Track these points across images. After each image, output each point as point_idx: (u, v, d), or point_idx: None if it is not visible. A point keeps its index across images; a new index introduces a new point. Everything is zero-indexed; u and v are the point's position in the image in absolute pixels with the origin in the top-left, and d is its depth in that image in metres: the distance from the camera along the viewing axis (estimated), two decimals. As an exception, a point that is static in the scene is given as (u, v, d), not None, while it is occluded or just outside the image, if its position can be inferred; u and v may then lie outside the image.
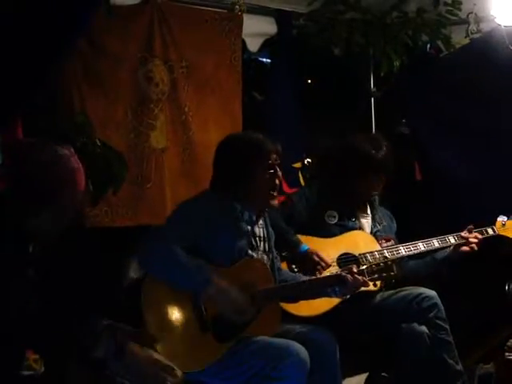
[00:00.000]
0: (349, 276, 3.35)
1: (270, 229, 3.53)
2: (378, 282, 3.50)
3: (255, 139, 3.42)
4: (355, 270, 3.39)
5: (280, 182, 3.40)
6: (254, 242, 3.39)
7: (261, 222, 3.47)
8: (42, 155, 2.55)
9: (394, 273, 3.43)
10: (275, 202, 3.42)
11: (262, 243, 3.45)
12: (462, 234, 3.94)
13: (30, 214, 2.53)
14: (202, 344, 3.13)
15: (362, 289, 3.71)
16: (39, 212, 2.54)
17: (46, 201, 2.54)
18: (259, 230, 3.45)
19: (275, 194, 3.39)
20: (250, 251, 3.35)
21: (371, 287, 3.64)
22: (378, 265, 3.46)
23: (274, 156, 3.37)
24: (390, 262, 3.46)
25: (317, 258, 3.75)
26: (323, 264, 3.75)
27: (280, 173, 3.39)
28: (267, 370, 3.08)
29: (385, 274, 3.43)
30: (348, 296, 3.53)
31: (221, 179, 3.40)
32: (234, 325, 3.17)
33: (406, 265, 3.99)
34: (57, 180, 2.55)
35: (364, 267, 3.45)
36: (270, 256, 3.48)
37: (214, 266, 3.18)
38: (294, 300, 3.53)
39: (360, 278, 3.36)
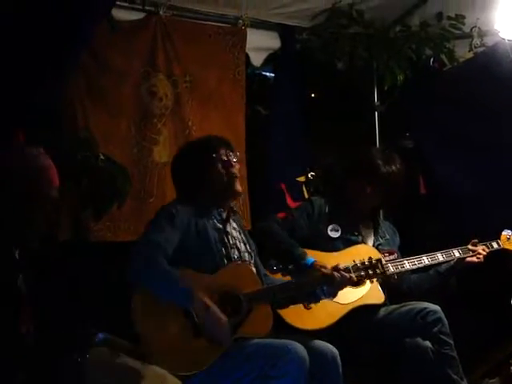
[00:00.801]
0: (335, 273, 3.38)
1: (249, 237, 3.57)
2: (367, 280, 3.48)
3: (197, 142, 3.61)
4: (341, 267, 3.41)
5: (236, 169, 3.48)
6: (226, 240, 3.42)
7: (234, 224, 3.51)
8: (10, 159, 2.57)
9: (380, 270, 3.43)
10: (237, 189, 3.49)
11: (241, 244, 3.48)
12: (469, 246, 3.93)
13: (9, 218, 2.53)
14: (196, 349, 3.13)
15: (367, 302, 3.73)
16: (18, 215, 2.55)
17: (22, 202, 2.55)
18: (234, 232, 3.49)
19: (235, 179, 3.47)
20: (223, 249, 3.38)
21: (374, 300, 3.64)
22: (363, 263, 3.46)
23: (223, 150, 3.47)
24: (374, 261, 3.45)
25: (326, 271, 3.73)
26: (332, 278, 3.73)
27: (232, 161, 3.46)
28: (266, 369, 3.08)
29: (371, 272, 3.45)
30: (333, 297, 3.52)
31: (182, 187, 3.51)
32: None
33: (409, 278, 3.98)
34: (28, 180, 2.57)
35: (350, 265, 3.45)
36: (252, 254, 3.51)
37: (198, 274, 3.23)
38: (285, 304, 3.52)
39: (346, 274, 3.39)
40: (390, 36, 4.91)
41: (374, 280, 3.72)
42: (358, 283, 3.60)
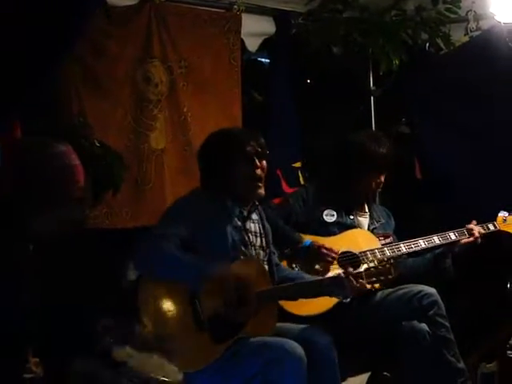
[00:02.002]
0: (346, 280, 3.32)
1: (267, 224, 3.52)
2: (377, 285, 3.48)
3: (231, 132, 3.47)
4: (354, 272, 3.37)
5: (263, 171, 3.38)
6: (246, 238, 3.37)
7: (255, 216, 3.46)
8: (42, 154, 2.55)
9: (391, 276, 3.41)
10: (261, 192, 3.40)
11: (257, 239, 3.43)
12: (466, 228, 3.93)
13: (33, 213, 2.52)
14: (199, 345, 3.12)
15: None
16: (43, 211, 2.53)
17: (49, 199, 2.53)
18: (253, 226, 3.44)
19: (259, 184, 3.38)
20: (243, 247, 3.33)
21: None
22: (376, 268, 3.43)
23: (252, 147, 3.36)
24: (388, 265, 3.42)
25: (325, 250, 3.74)
26: (332, 255, 3.74)
27: (262, 163, 3.38)
28: (265, 370, 3.07)
29: (383, 278, 3.40)
30: (348, 299, 3.52)
31: (207, 176, 3.42)
32: (230, 325, 3.16)
33: (404, 262, 3.98)
34: (57, 177, 2.54)
35: (362, 269, 3.43)
36: (267, 251, 3.47)
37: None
38: (294, 299, 3.51)
39: (356, 284, 3.32)
40: (386, 20, 4.88)
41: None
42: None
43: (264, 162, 3.39)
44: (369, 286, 3.44)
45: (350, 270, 3.41)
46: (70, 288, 3.58)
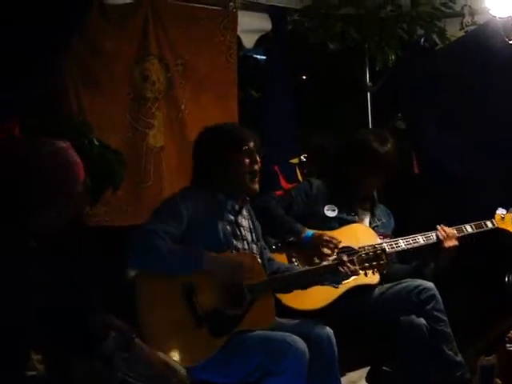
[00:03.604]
0: (340, 268, 3.39)
1: (256, 222, 3.56)
2: (370, 271, 3.51)
3: (228, 128, 3.51)
4: (346, 259, 3.42)
5: (259, 167, 3.42)
6: (238, 232, 3.41)
7: (245, 212, 3.49)
8: (42, 150, 2.54)
9: (384, 261, 3.44)
10: (256, 187, 3.44)
11: (248, 234, 3.47)
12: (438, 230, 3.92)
13: (33, 211, 2.52)
14: (198, 339, 3.14)
15: (362, 282, 3.75)
16: (43, 208, 2.53)
17: (49, 196, 2.53)
18: (244, 221, 3.47)
19: (255, 178, 3.42)
20: (234, 241, 3.36)
21: (368, 280, 3.66)
22: (367, 254, 3.47)
23: (249, 143, 3.40)
24: (379, 251, 3.46)
25: (327, 238, 3.76)
26: (335, 242, 3.76)
27: (257, 159, 3.41)
28: (266, 364, 3.09)
29: (375, 263, 3.45)
30: (339, 285, 3.55)
31: (200, 171, 3.45)
32: (228, 319, 3.19)
33: (392, 266, 3.98)
34: (58, 174, 2.53)
35: (354, 257, 3.46)
36: (259, 245, 3.51)
37: None
38: (288, 291, 3.53)
39: (351, 266, 3.40)
40: (382, 16, 4.90)
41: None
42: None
43: (258, 157, 3.42)
44: (362, 272, 3.46)
45: (342, 256, 3.44)
46: (70, 285, 3.58)
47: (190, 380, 2.78)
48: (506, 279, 4.19)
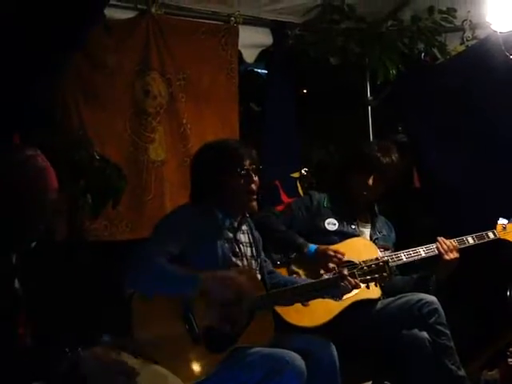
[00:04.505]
0: (340, 283, 3.35)
1: (256, 233, 3.55)
2: (372, 284, 3.49)
3: (226, 145, 3.47)
4: (346, 273, 3.40)
5: (256, 186, 3.40)
6: (237, 249, 3.39)
7: (244, 227, 3.48)
8: (10, 158, 2.51)
9: (386, 273, 3.42)
10: (254, 205, 3.43)
11: (248, 249, 3.45)
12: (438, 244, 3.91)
13: (4, 220, 2.48)
14: (196, 356, 3.13)
15: (363, 297, 3.74)
16: (14, 217, 2.49)
17: (19, 204, 2.50)
18: (243, 236, 3.46)
19: (253, 197, 3.41)
20: (233, 258, 3.35)
21: (369, 294, 3.64)
22: (369, 266, 3.45)
23: (248, 161, 3.39)
24: (381, 263, 3.44)
25: (331, 252, 3.75)
26: (339, 256, 3.75)
27: (256, 177, 3.40)
28: (265, 381, 3.07)
29: (377, 275, 3.42)
30: (339, 298, 3.54)
31: (198, 189, 3.44)
32: (226, 336, 3.17)
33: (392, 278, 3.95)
34: (27, 181, 2.50)
35: (355, 270, 3.43)
36: (259, 260, 3.49)
37: None
38: (289, 304, 3.51)
39: (352, 280, 3.36)
40: (382, 31, 4.91)
41: None
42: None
43: (255, 176, 3.40)
44: (363, 285, 3.43)
45: (343, 270, 3.42)
46: (66, 300, 3.58)
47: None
48: (508, 293, 4.18)
